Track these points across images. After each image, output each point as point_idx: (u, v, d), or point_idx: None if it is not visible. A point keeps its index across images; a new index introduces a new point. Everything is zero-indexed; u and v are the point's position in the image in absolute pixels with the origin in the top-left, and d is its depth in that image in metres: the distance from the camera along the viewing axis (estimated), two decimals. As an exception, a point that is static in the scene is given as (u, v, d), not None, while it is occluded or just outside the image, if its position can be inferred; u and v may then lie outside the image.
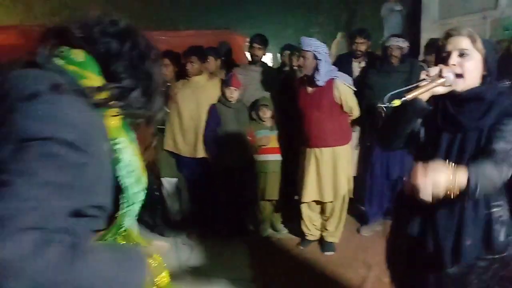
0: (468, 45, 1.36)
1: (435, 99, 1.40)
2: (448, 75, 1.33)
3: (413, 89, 1.32)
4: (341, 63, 3.63)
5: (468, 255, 1.34)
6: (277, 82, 3.70)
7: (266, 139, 3.40)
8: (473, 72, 1.36)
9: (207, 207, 3.48)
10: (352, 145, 3.49)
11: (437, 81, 1.33)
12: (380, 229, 3.36)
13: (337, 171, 3.05)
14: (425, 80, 1.34)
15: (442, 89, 1.35)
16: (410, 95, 1.30)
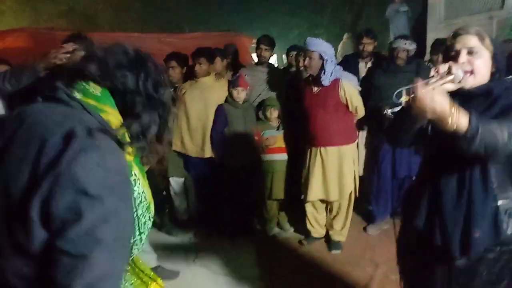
0: (476, 43, 1.38)
1: None
2: (457, 72, 1.35)
3: (421, 86, 1.34)
4: (348, 64, 3.65)
5: (476, 247, 1.35)
6: (283, 82, 3.73)
7: (272, 139, 3.42)
8: (482, 69, 1.38)
9: (214, 207, 3.50)
10: (360, 144, 3.51)
11: (446, 78, 1.35)
12: (387, 228, 3.36)
13: (342, 170, 3.06)
14: (434, 77, 1.36)
15: (451, 86, 1.36)
16: (417, 92, 1.31)
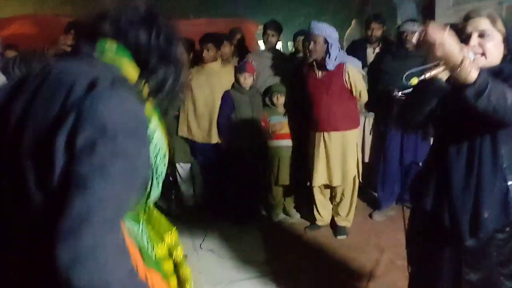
0: (488, 26, 1.37)
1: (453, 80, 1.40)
2: (468, 55, 1.33)
3: (432, 68, 1.33)
4: (356, 49, 3.62)
5: (486, 228, 1.35)
6: (290, 68, 3.71)
7: (279, 125, 3.42)
8: (494, 52, 1.37)
9: (220, 192, 3.53)
10: (367, 130, 3.50)
11: None
12: (392, 214, 3.37)
13: (346, 155, 3.07)
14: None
15: None
16: (428, 74, 1.31)
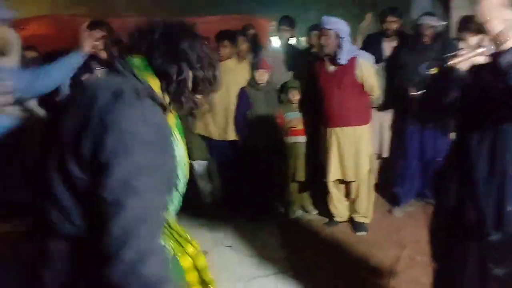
0: (510, 15, 1.34)
1: (475, 70, 1.39)
2: (488, 45, 1.32)
3: (452, 57, 1.32)
4: (371, 43, 3.58)
5: (511, 222, 1.34)
6: (304, 63, 3.68)
7: (295, 121, 3.41)
8: None
9: (238, 189, 3.54)
10: (386, 125, 3.47)
11: (477, 50, 1.32)
12: (412, 210, 3.35)
13: (358, 151, 3.05)
14: (464, 49, 1.34)
15: (482, 59, 1.34)
16: (448, 63, 1.30)
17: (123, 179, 0.79)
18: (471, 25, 3.07)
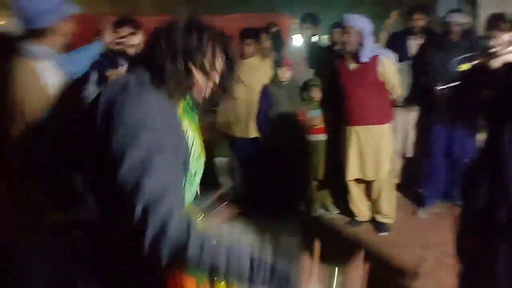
0: None
1: (508, 67, 1.36)
2: None
3: (482, 55, 1.30)
4: (396, 41, 3.53)
5: None
6: (327, 61, 3.65)
7: (317, 119, 3.39)
8: None
9: (259, 186, 3.54)
10: (410, 124, 3.42)
11: (508, 48, 1.29)
12: (438, 211, 3.27)
13: (379, 150, 3.01)
14: (495, 47, 1.31)
15: None
16: (478, 61, 1.28)
17: (136, 162, 0.85)
18: (502, 22, 3.02)
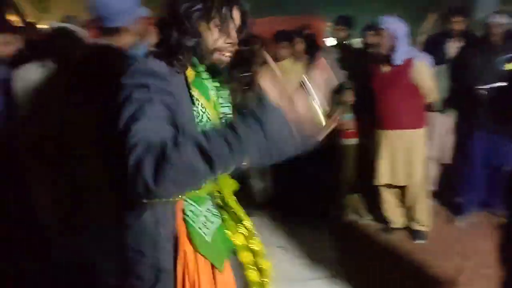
0: None
1: None
2: None
3: None
4: (433, 44, 3.43)
5: None
6: (360, 64, 3.60)
7: (350, 122, 3.35)
8: None
9: (291, 189, 3.53)
10: (448, 130, 3.31)
11: None
12: (476, 220, 3.15)
13: (411, 155, 2.93)
14: None
15: None
16: None
17: (130, 115, 0.94)
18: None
